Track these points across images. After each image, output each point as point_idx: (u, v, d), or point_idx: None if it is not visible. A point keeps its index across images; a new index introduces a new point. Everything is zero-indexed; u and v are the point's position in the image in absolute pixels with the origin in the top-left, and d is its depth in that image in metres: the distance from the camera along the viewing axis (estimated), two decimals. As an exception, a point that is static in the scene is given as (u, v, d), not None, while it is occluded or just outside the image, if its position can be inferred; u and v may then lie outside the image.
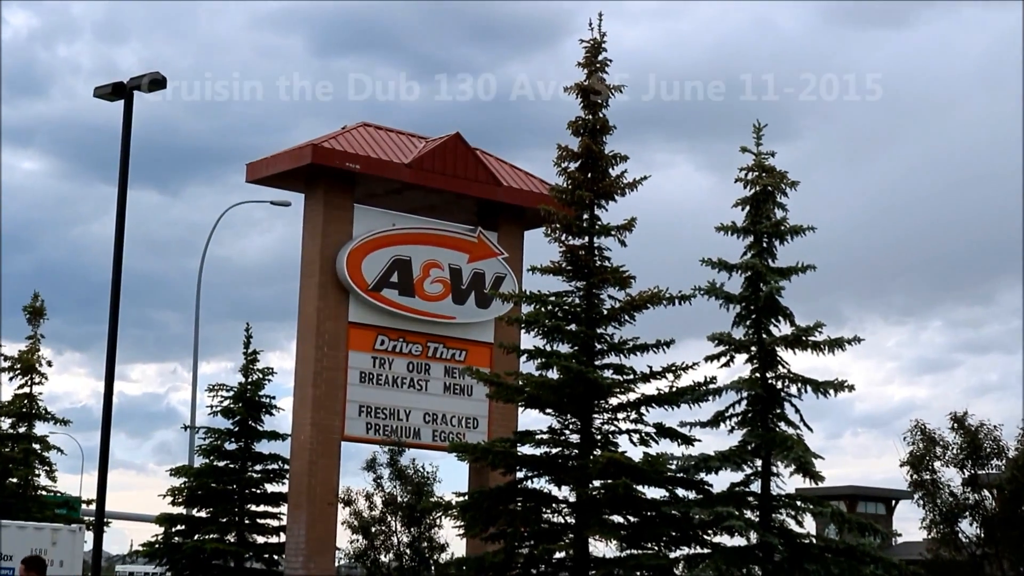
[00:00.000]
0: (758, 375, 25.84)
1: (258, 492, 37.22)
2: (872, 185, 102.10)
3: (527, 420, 33.99)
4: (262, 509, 37.25)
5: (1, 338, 45.52)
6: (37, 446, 44.51)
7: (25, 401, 44.17)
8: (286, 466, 35.77)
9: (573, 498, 26.03)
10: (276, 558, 36.70)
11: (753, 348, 25.89)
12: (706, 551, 25.56)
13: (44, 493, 44.81)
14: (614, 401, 26.36)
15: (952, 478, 43.51)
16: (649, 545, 25.69)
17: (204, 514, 37.21)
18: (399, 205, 35.19)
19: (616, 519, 25.89)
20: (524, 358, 26.74)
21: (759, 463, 25.70)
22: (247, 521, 36.93)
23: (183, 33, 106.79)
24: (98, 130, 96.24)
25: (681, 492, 26.11)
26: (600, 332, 26.53)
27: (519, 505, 26.59)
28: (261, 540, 37.05)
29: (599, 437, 26.36)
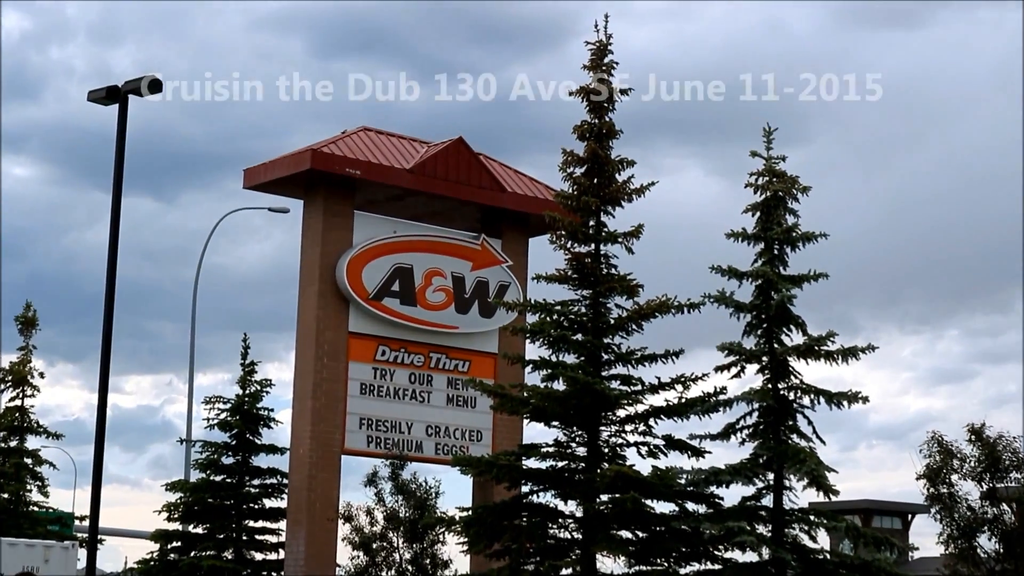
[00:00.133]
0: (770, 386, 25.84)
1: (256, 507, 37.23)
2: (886, 190, 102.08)
3: (532, 433, 34.00)
4: (260, 525, 37.27)
5: (1, 351, 45.52)
6: (29, 460, 44.54)
7: (16, 414, 44.20)
8: (285, 480, 35.76)
9: (580, 513, 26.01)
10: (275, 575, 36.67)
11: (764, 358, 25.90)
12: (717, 567, 25.55)
13: (36, 509, 44.86)
14: (622, 413, 26.35)
15: (970, 492, 43.42)
16: (658, 561, 25.67)
17: (201, 530, 37.22)
18: (400, 212, 35.18)
19: (624, 534, 25.86)
20: (529, 369, 26.74)
21: (771, 476, 25.70)
22: (245, 537, 36.93)
23: (179, 35, 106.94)
24: (92, 135, 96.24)
25: (691, 506, 26.10)
26: (607, 342, 26.52)
27: (524, 520, 26.56)
28: (259, 557, 37.06)
29: (606, 450, 26.33)
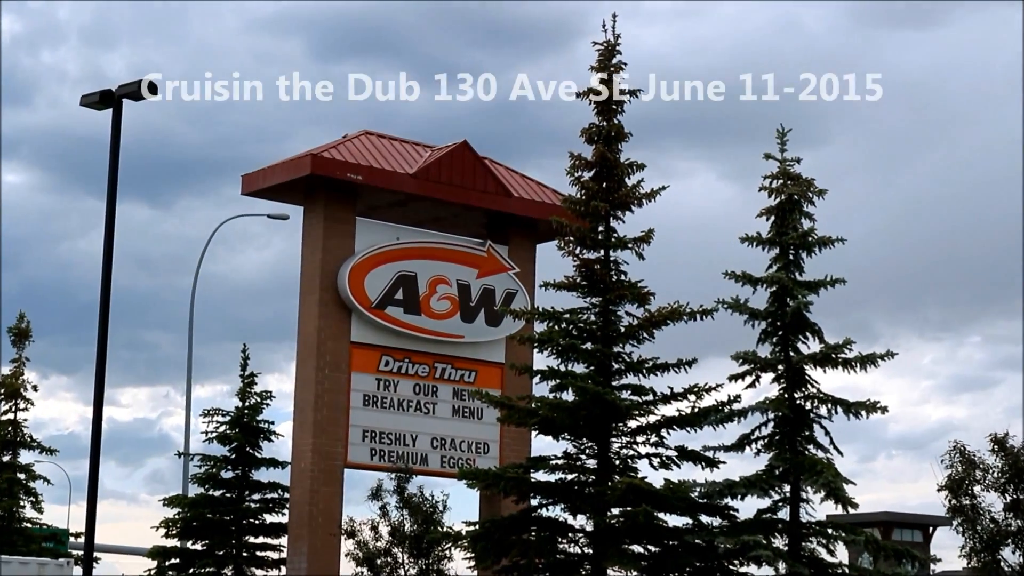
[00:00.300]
0: (785, 395, 25.82)
1: (256, 523, 37.21)
2: (905, 192, 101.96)
3: (541, 445, 33.94)
4: (261, 541, 37.25)
5: (1, 362, 45.55)
6: (22, 476, 44.51)
7: (9, 428, 44.17)
8: (286, 495, 35.76)
9: (590, 527, 26.00)
10: (276, 592, 36.70)
11: (780, 367, 25.88)
12: (732, 582, 25.51)
13: (30, 525, 44.81)
14: (633, 424, 26.37)
15: (993, 503, 43.42)
16: (671, 576, 25.65)
17: (200, 547, 37.20)
18: (404, 218, 35.21)
19: (636, 549, 25.87)
20: (537, 379, 26.74)
21: (787, 488, 25.67)
22: (245, 554, 36.92)
23: (174, 37, 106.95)
24: (85, 140, 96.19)
25: (705, 520, 26.08)
26: (617, 351, 26.53)
27: (533, 535, 26.56)
28: (260, 574, 37.03)
29: (617, 462, 26.34)
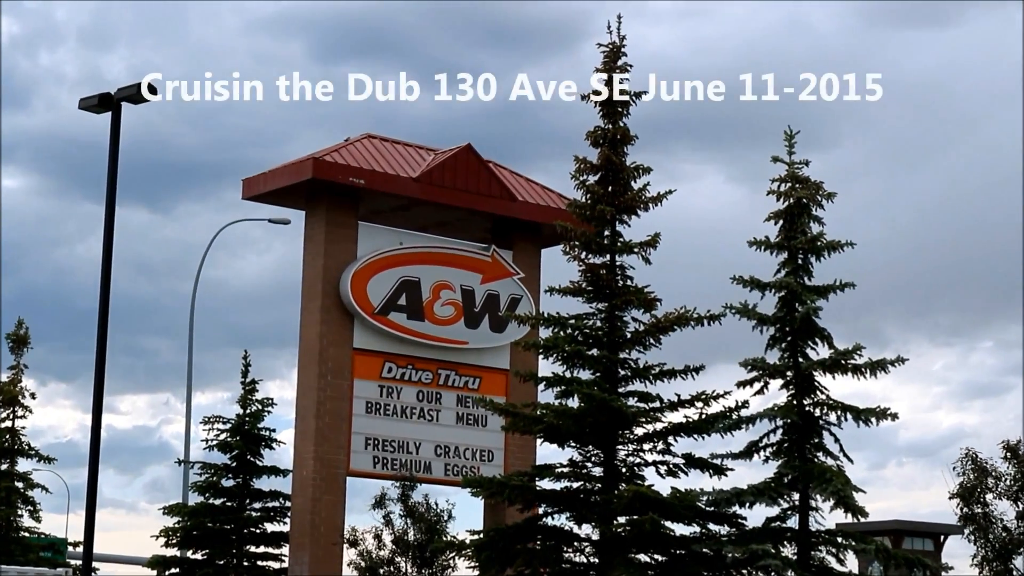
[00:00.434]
0: (794, 402, 25.81)
1: (258, 532, 37.24)
2: (916, 195, 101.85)
3: (546, 452, 34.02)
4: (262, 550, 37.28)
5: (2, 369, 45.60)
6: (20, 484, 44.52)
7: (7, 436, 44.19)
8: (287, 504, 35.79)
9: (596, 536, 26.01)
10: (277, 603, 36.71)
11: (788, 373, 25.87)
12: (740, 592, 25.50)
13: (27, 535, 44.82)
14: (639, 431, 26.37)
15: (1006, 511, 43.42)
16: (679, 586, 25.64)
17: (200, 556, 37.23)
18: (407, 222, 35.23)
19: (643, 558, 25.86)
20: (542, 386, 26.75)
21: (796, 497, 25.66)
22: (246, 563, 36.94)
23: (174, 39, 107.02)
24: (83, 144, 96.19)
25: (713, 528, 26.07)
26: (624, 357, 26.54)
27: (538, 544, 26.56)
28: (261, 583, 37.06)
29: (624, 470, 26.34)
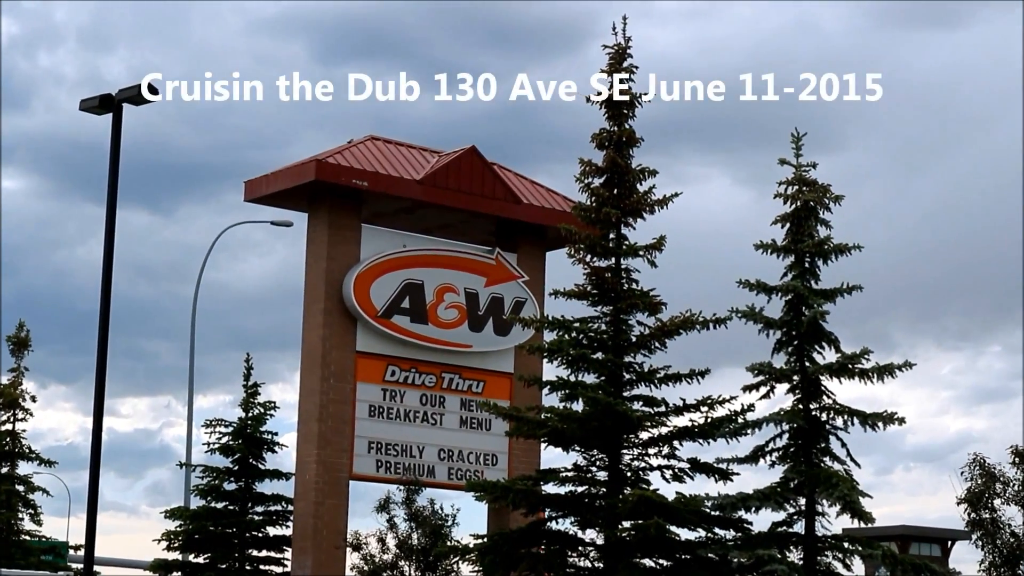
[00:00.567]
0: (801, 406, 25.88)
1: (260, 536, 37.30)
2: (924, 198, 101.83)
3: (551, 456, 34.11)
4: (264, 554, 37.33)
5: (2, 372, 45.71)
6: (20, 487, 44.63)
7: (7, 439, 44.31)
8: (290, 507, 35.85)
9: (601, 540, 26.08)
10: (279, 607, 36.77)
11: (795, 377, 25.94)
12: (746, 597, 25.56)
13: (28, 538, 44.93)
14: (644, 435, 26.43)
15: (1014, 517, 43.47)
16: (684, 591, 25.72)
17: (202, 560, 37.29)
18: (410, 225, 35.29)
19: (647, 563, 25.92)
20: (547, 390, 26.82)
21: (802, 502, 25.73)
22: (248, 567, 37.00)
23: (175, 40, 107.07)
24: (84, 145, 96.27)
25: (718, 532, 26.14)
26: (629, 361, 26.61)
27: (542, 548, 26.64)
28: (263, 588, 37.13)
29: (629, 474, 26.41)
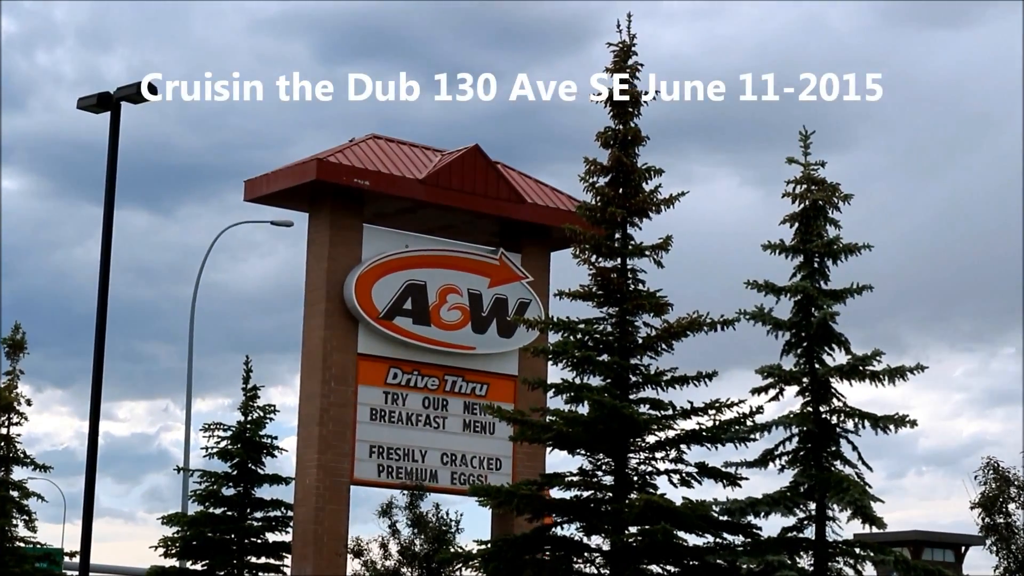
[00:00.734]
0: (810, 409, 25.87)
1: (259, 542, 37.33)
2: (935, 197, 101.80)
3: (555, 460, 34.11)
4: (264, 561, 37.36)
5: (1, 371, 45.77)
6: (15, 493, 44.61)
7: (2, 443, 44.32)
8: (290, 513, 35.89)
9: (607, 546, 26.07)
10: (279, 615, 36.80)
11: (804, 379, 25.93)
12: (755, 604, 25.55)
13: (23, 545, 44.90)
14: (651, 439, 26.42)
15: (1028, 521, 43.42)
16: (692, 598, 25.72)
17: (200, 567, 37.31)
18: (413, 225, 35.33)
19: (655, 569, 25.92)
20: (552, 392, 26.83)
21: (813, 506, 25.71)
22: (247, 574, 37.04)
23: (175, 39, 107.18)
24: (82, 145, 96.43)
25: (727, 538, 26.13)
26: (635, 363, 26.60)
27: (547, 554, 26.64)
28: (263, 595, 37.16)
29: (635, 478, 26.41)
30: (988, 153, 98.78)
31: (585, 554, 26.41)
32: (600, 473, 26.48)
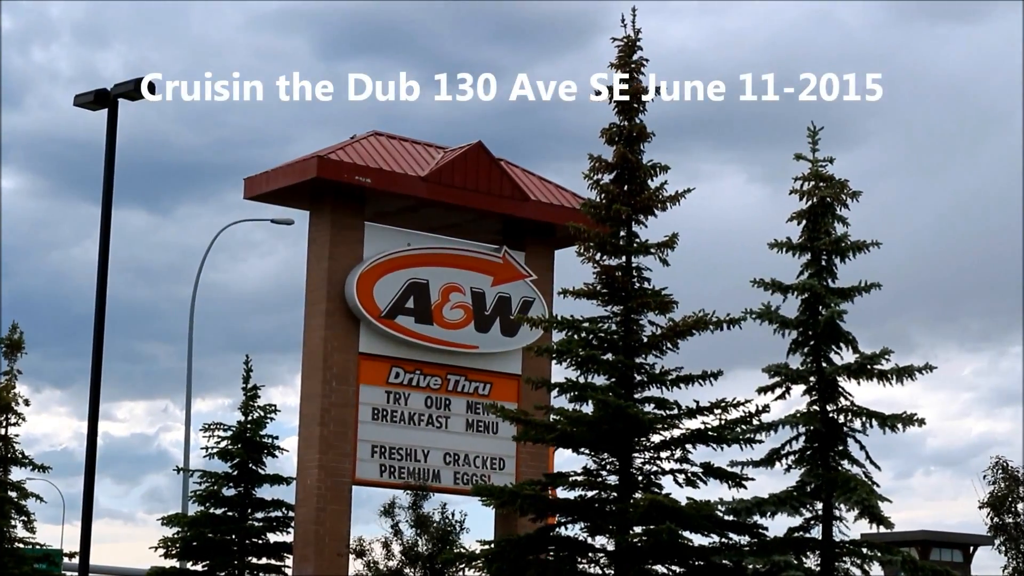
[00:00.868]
0: (817, 408, 25.92)
1: (260, 543, 37.38)
2: (944, 194, 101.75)
3: (560, 460, 34.12)
4: (264, 562, 37.41)
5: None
6: (13, 494, 44.67)
7: (0, 444, 44.41)
8: (291, 513, 35.95)
9: (612, 546, 26.14)
10: (281, 616, 36.87)
11: (812, 378, 25.97)
12: (761, 605, 25.62)
13: (21, 546, 44.95)
14: (656, 438, 26.47)
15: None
16: (697, 599, 25.79)
17: (200, 568, 37.37)
18: (415, 223, 35.37)
19: (660, 569, 25.98)
20: (555, 392, 26.88)
21: (820, 506, 25.77)
22: (248, 574, 37.10)
23: (173, 35, 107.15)
24: (79, 143, 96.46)
25: (733, 538, 26.19)
26: (640, 362, 26.65)
27: (551, 555, 26.71)
28: (264, 596, 37.22)
29: (640, 478, 26.47)
30: (999, 149, 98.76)
31: (589, 554, 26.48)
32: (604, 473, 26.54)
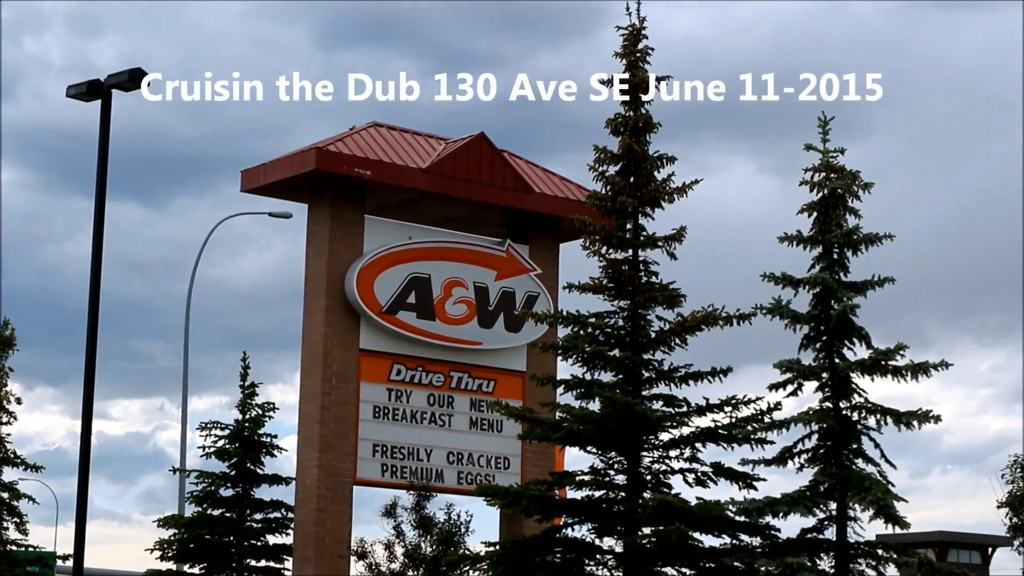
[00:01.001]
0: (830, 405, 25.84)
1: (259, 544, 37.35)
2: (960, 185, 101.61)
3: (567, 459, 34.04)
4: (263, 564, 37.37)
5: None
6: (5, 494, 44.67)
7: (-8, 444, 44.37)
8: (290, 514, 35.90)
9: (620, 548, 26.10)
10: (280, 620, 36.81)
11: (824, 375, 25.89)
12: (773, 608, 25.53)
13: (14, 548, 44.95)
14: (665, 437, 26.44)
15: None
16: (707, 601, 25.71)
17: (197, 570, 37.35)
18: (416, 216, 35.28)
19: (669, 571, 25.93)
20: (561, 389, 26.80)
21: (833, 506, 25.70)
22: (247, 578, 37.07)
23: (168, 25, 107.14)
24: (72, 135, 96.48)
25: (744, 539, 26.12)
26: (647, 358, 26.60)
27: (558, 556, 26.65)
28: (263, 600, 37.16)
29: (648, 478, 26.42)
30: (1015, 138, 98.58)
31: (597, 556, 26.44)
32: (612, 472, 26.49)
